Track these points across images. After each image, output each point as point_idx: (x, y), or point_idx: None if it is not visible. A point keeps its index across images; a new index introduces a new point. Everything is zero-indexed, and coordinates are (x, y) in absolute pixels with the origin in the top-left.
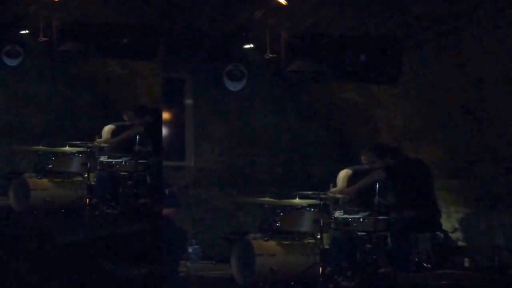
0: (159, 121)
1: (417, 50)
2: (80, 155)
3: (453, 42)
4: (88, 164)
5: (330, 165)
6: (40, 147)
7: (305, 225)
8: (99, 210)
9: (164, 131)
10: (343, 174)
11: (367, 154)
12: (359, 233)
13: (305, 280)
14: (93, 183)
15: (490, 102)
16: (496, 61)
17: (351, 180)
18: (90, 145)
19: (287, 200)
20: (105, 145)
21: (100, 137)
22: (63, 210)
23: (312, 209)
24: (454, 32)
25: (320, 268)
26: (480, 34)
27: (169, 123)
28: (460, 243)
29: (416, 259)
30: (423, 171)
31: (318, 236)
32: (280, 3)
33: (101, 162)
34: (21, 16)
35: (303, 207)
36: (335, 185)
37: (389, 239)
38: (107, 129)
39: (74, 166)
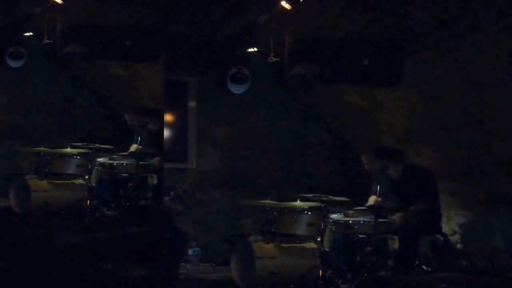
0: (161, 123)
1: (419, 54)
2: (77, 157)
3: (454, 46)
4: (89, 166)
5: (331, 168)
6: (42, 148)
7: (301, 228)
8: (100, 212)
9: (167, 133)
10: (374, 199)
11: (368, 155)
12: (359, 235)
13: (305, 283)
14: (93, 184)
15: (490, 105)
16: (496, 65)
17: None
18: (92, 146)
19: (288, 203)
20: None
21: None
22: (63, 212)
23: (308, 212)
24: (455, 37)
25: (320, 271)
26: (481, 39)
27: (172, 125)
28: (459, 246)
29: (416, 262)
30: (427, 179)
31: (318, 239)
32: (284, 8)
33: (102, 164)
34: (25, 18)
35: (298, 210)
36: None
37: (389, 242)
38: (132, 149)
39: (71, 168)
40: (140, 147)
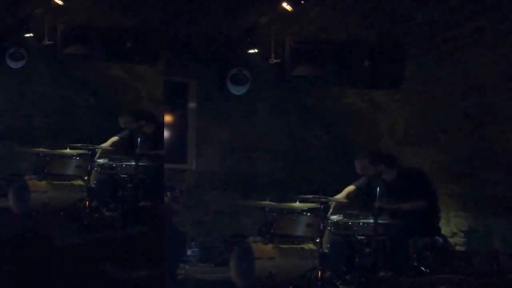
0: (160, 125)
1: (419, 56)
2: (77, 158)
3: (454, 49)
4: (89, 166)
5: (331, 169)
6: (41, 149)
7: (300, 229)
8: (99, 213)
9: (167, 134)
10: (348, 188)
11: (361, 160)
12: (358, 237)
13: (304, 284)
14: (93, 185)
15: (490, 107)
16: (497, 67)
17: (353, 196)
18: (91, 147)
19: (287, 204)
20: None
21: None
22: (62, 213)
23: (307, 213)
24: (456, 39)
25: (319, 272)
26: (481, 41)
27: (171, 126)
28: (458, 248)
29: (415, 264)
30: (421, 180)
31: (317, 240)
32: (285, 9)
33: (102, 165)
34: (26, 19)
35: (297, 211)
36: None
37: (388, 243)
38: (112, 139)
39: (70, 169)
40: (118, 138)
